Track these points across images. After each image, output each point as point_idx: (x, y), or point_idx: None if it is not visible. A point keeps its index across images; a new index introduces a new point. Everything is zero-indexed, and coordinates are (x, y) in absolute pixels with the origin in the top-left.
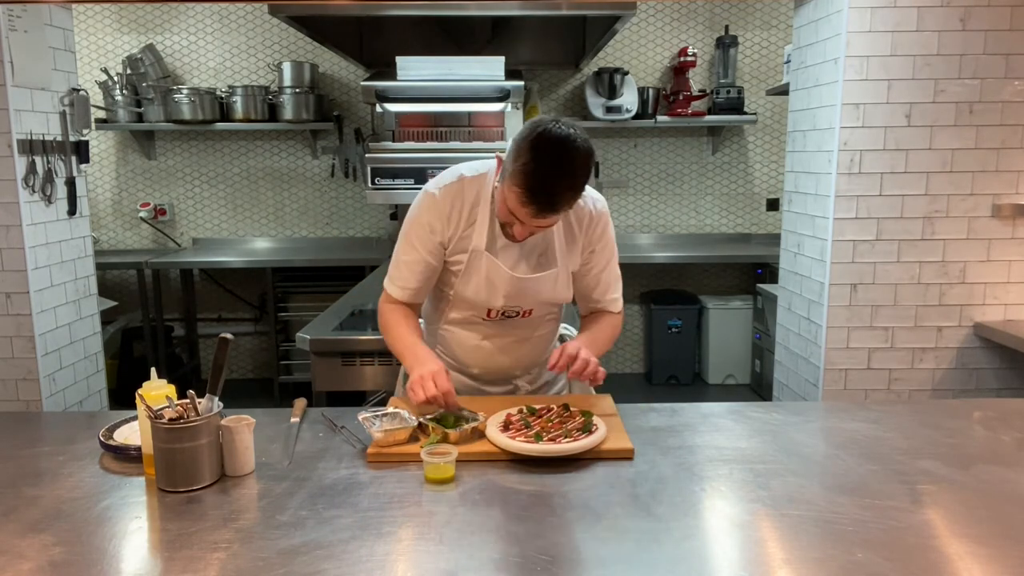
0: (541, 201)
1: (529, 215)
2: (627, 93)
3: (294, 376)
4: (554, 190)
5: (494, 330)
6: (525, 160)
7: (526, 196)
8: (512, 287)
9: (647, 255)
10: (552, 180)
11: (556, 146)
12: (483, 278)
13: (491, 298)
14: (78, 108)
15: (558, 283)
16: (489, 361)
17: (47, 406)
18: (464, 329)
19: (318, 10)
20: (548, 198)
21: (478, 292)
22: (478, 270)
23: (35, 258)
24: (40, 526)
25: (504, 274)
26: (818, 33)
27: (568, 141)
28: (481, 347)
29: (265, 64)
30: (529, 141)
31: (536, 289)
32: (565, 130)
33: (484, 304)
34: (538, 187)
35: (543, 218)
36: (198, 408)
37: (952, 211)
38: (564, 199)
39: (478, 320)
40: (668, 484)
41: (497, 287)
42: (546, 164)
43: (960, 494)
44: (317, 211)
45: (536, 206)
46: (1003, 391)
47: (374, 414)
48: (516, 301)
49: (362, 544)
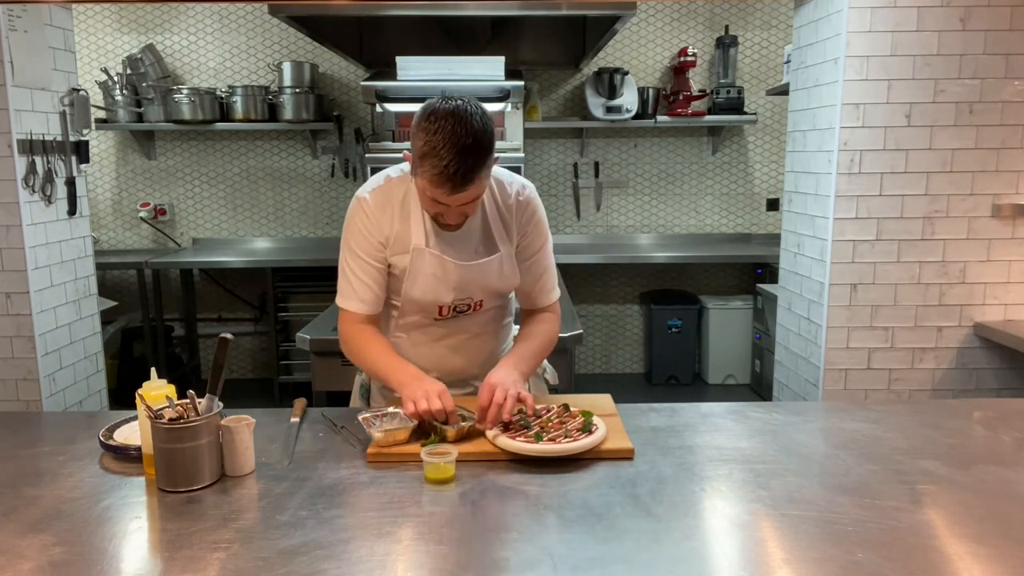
0: (452, 177)
1: (446, 194)
2: (627, 93)
3: (294, 376)
4: (460, 162)
5: (446, 329)
6: (423, 142)
7: (436, 177)
8: (460, 277)
9: (647, 255)
10: (455, 153)
11: (448, 119)
12: (429, 275)
13: (440, 294)
14: (78, 108)
15: (504, 267)
16: (444, 363)
17: (47, 406)
18: (416, 333)
19: (318, 10)
20: (457, 171)
21: (426, 291)
22: (422, 268)
23: (35, 258)
24: (40, 526)
25: (450, 265)
26: (818, 33)
27: (459, 112)
28: (434, 349)
29: (265, 64)
30: (422, 124)
31: (484, 276)
32: (453, 103)
33: (434, 302)
34: (444, 164)
35: (461, 192)
36: (198, 408)
37: (952, 211)
38: (474, 169)
39: (428, 322)
40: (668, 484)
41: (445, 281)
42: (444, 139)
43: (960, 494)
44: (317, 211)
45: (450, 184)
46: (1003, 391)
47: (374, 414)
48: (466, 293)
49: (362, 544)
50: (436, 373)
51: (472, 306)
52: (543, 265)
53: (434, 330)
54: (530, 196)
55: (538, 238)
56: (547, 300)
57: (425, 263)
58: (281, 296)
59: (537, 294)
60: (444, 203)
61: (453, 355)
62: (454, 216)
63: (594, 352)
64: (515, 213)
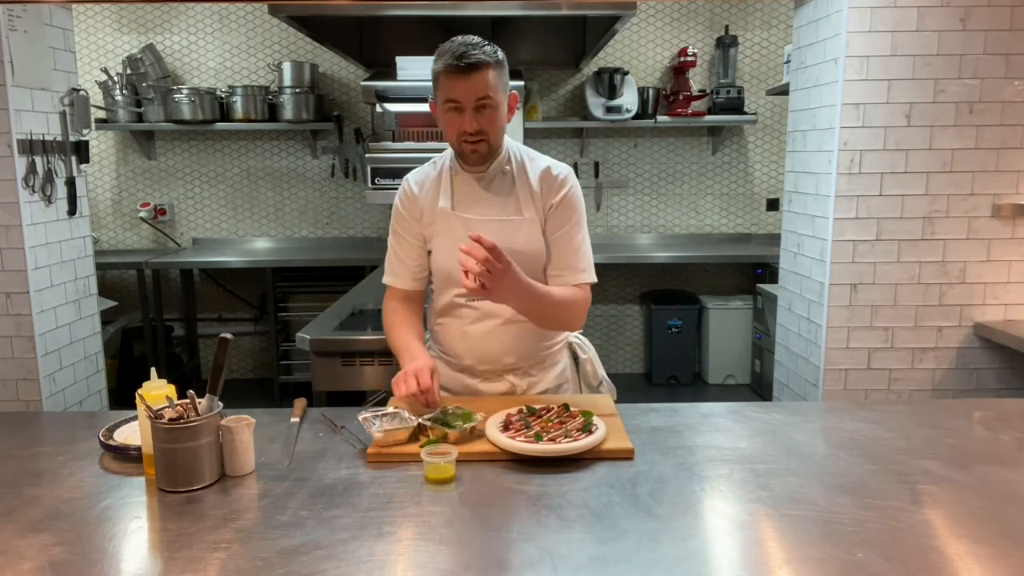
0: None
1: (457, 80)
2: (627, 93)
3: (294, 376)
4: (466, 50)
5: (477, 313)
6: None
7: (448, 66)
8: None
9: (647, 255)
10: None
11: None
12: (453, 237)
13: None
14: (78, 108)
15: (529, 232)
16: (476, 349)
17: (47, 406)
18: (450, 318)
19: (318, 10)
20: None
21: (451, 255)
22: (447, 229)
23: (35, 258)
24: (40, 526)
25: (472, 223)
26: (818, 33)
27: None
28: (467, 333)
29: (265, 64)
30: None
31: (506, 235)
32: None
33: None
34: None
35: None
36: (198, 408)
37: (952, 211)
38: (481, 56)
39: (461, 303)
40: (668, 484)
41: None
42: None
43: (960, 494)
44: (317, 211)
45: (458, 66)
46: (1003, 391)
47: (374, 414)
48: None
49: (362, 544)
50: (469, 359)
51: None
52: (573, 241)
53: (467, 312)
54: (562, 175)
55: (567, 213)
56: (576, 278)
57: (449, 225)
58: (281, 296)
59: (568, 272)
60: (458, 100)
61: (486, 340)
62: (471, 122)
63: None
64: (542, 184)
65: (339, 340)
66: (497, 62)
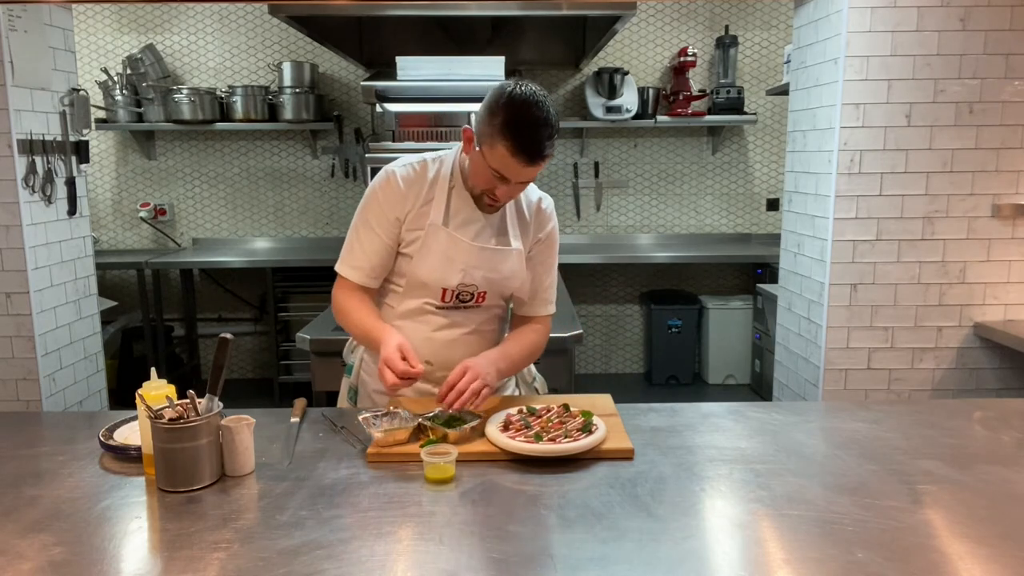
0: (529, 148)
1: (518, 165)
2: (627, 93)
3: (294, 376)
4: (538, 136)
5: (445, 321)
6: (504, 117)
7: (515, 147)
8: (469, 259)
9: (647, 255)
10: (535, 128)
11: (528, 99)
12: (441, 253)
13: (448, 275)
14: (78, 108)
15: (516, 262)
16: (439, 355)
17: (47, 406)
18: (415, 322)
19: (318, 10)
20: (535, 145)
21: (434, 269)
22: (435, 244)
23: (35, 258)
24: (40, 526)
25: (464, 246)
26: (818, 33)
27: (537, 95)
28: (432, 339)
29: (265, 64)
30: (502, 102)
31: (492, 264)
32: (531, 87)
33: (439, 282)
34: (524, 136)
35: (532, 166)
36: (198, 408)
37: (952, 211)
38: (547, 145)
39: (431, 310)
40: (668, 484)
41: (455, 261)
42: (526, 115)
43: (960, 494)
44: (317, 211)
45: (525, 155)
46: (1003, 391)
47: (374, 414)
48: (472, 279)
49: (362, 544)
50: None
51: (475, 296)
52: (548, 278)
53: (434, 319)
54: (549, 208)
55: (549, 249)
56: (543, 311)
57: (438, 240)
58: (281, 296)
59: (536, 303)
60: (507, 178)
61: (448, 349)
62: (506, 194)
63: (594, 352)
64: (535, 216)
65: (339, 340)
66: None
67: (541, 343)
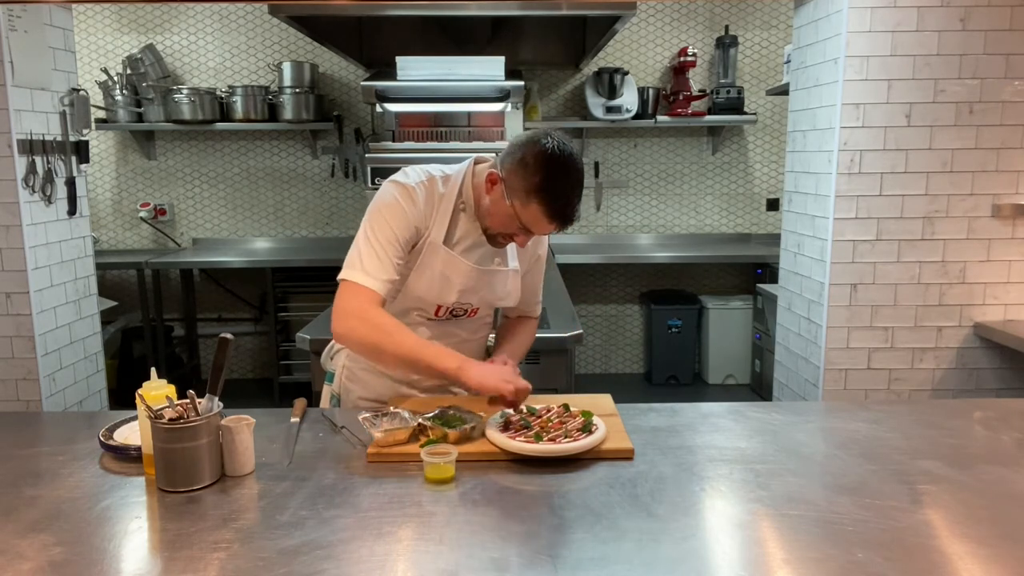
0: (565, 217)
1: (553, 228)
2: (627, 93)
3: (294, 376)
4: (573, 204)
5: (436, 331)
6: (543, 178)
7: (551, 213)
8: (468, 281)
9: (647, 255)
10: (571, 196)
11: (567, 162)
12: (437, 272)
13: (444, 293)
14: (78, 108)
15: (509, 283)
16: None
17: (47, 406)
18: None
19: (318, 10)
20: (570, 213)
21: (430, 288)
22: (433, 264)
23: (35, 258)
24: (40, 526)
25: (463, 267)
26: (818, 33)
27: (574, 156)
28: None
29: (265, 64)
30: (541, 159)
31: (491, 285)
32: (568, 145)
33: (435, 300)
34: (562, 205)
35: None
36: (198, 408)
37: (952, 211)
38: (578, 211)
39: (422, 320)
40: (668, 484)
41: (452, 282)
42: (564, 181)
43: (960, 494)
44: (317, 211)
45: (560, 221)
46: (1003, 391)
47: (374, 414)
48: (468, 298)
49: (362, 544)
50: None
51: (468, 312)
52: (537, 283)
53: (423, 330)
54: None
55: (542, 262)
56: (533, 312)
57: (438, 260)
58: (281, 296)
59: (530, 306)
60: (536, 232)
61: None
62: (525, 241)
63: (594, 352)
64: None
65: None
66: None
67: (533, 337)
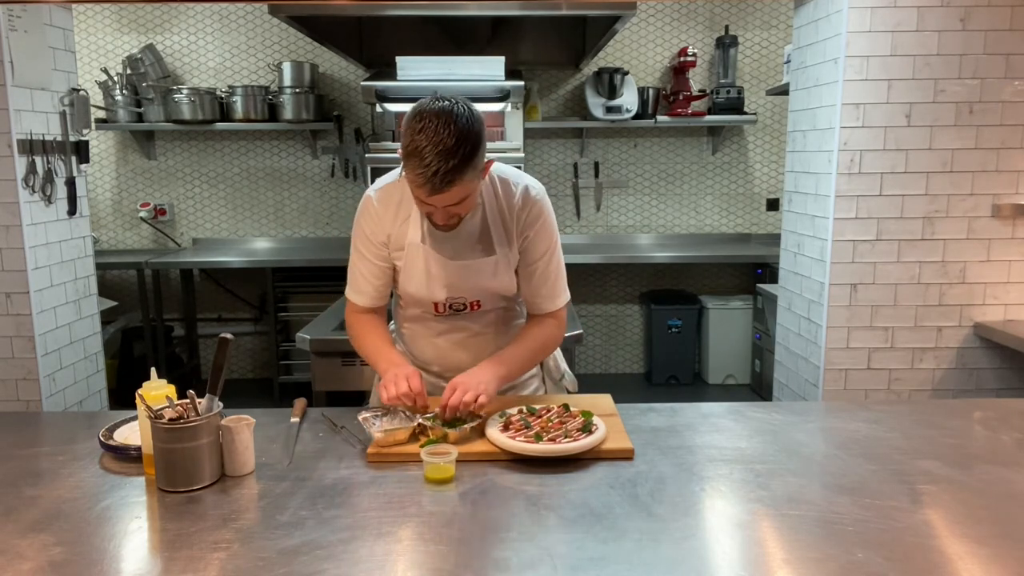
0: (432, 178)
1: (428, 194)
2: (627, 93)
3: (294, 376)
4: (441, 163)
5: (446, 326)
6: (407, 141)
7: (418, 178)
8: (451, 276)
9: (647, 255)
10: (435, 154)
11: (433, 119)
12: (422, 271)
13: (433, 291)
14: (78, 108)
15: (498, 271)
16: (446, 357)
17: (47, 406)
18: (418, 326)
19: (318, 10)
20: (437, 172)
21: (419, 286)
22: (416, 263)
23: (35, 258)
24: (40, 526)
25: (442, 263)
26: (818, 33)
27: (444, 112)
28: (436, 344)
29: (265, 64)
30: (409, 123)
31: (476, 276)
32: (440, 103)
33: (428, 298)
34: (425, 164)
35: (442, 194)
36: (198, 408)
37: (952, 211)
38: (455, 171)
39: (429, 317)
40: (668, 484)
41: (437, 278)
42: (427, 139)
43: (960, 494)
44: (317, 211)
45: (429, 185)
46: (1003, 391)
47: (374, 414)
48: (459, 292)
49: (362, 544)
50: (438, 367)
51: (469, 305)
52: (547, 271)
53: (435, 325)
54: (536, 197)
55: (542, 243)
56: (549, 307)
57: (418, 260)
58: (281, 296)
59: (540, 300)
60: (429, 203)
61: (456, 350)
62: (441, 216)
63: (594, 352)
64: (517, 211)
65: (339, 340)
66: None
67: (549, 337)
